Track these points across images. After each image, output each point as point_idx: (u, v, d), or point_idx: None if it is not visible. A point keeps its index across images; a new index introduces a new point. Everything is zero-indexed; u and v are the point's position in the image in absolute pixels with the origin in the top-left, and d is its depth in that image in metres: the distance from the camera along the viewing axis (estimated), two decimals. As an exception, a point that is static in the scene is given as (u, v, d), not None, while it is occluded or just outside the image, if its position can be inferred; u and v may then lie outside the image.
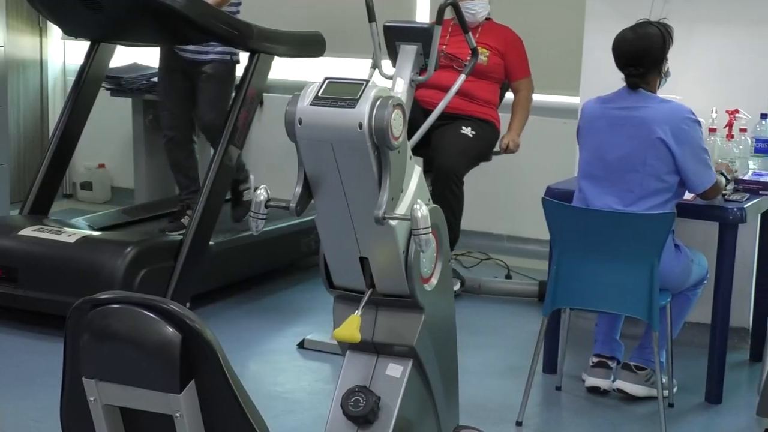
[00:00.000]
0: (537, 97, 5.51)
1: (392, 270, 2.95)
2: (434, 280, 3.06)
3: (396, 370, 3.04)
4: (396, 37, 3.34)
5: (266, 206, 2.94)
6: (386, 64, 3.46)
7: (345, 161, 2.82)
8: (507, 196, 6.17)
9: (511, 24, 5.39)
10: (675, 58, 4.16)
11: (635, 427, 4.03)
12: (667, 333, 4.14)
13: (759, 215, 4.57)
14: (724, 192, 4.21)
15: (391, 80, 3.31)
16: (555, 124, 5.89)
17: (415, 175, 3.00)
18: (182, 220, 5.38)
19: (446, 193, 5.05)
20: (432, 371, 3.11)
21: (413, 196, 2.94)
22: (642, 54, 4.01)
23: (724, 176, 4.25)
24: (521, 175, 5.98)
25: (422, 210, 2.80)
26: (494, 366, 4.62)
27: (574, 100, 5.23)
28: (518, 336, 4.95)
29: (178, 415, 2.26)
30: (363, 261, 3.00)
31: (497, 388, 4.36)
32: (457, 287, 5.36)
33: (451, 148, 5.09)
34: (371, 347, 3.08)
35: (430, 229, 2.82)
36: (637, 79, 4.03)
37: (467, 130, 5.18)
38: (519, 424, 4.02)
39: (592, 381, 4.31)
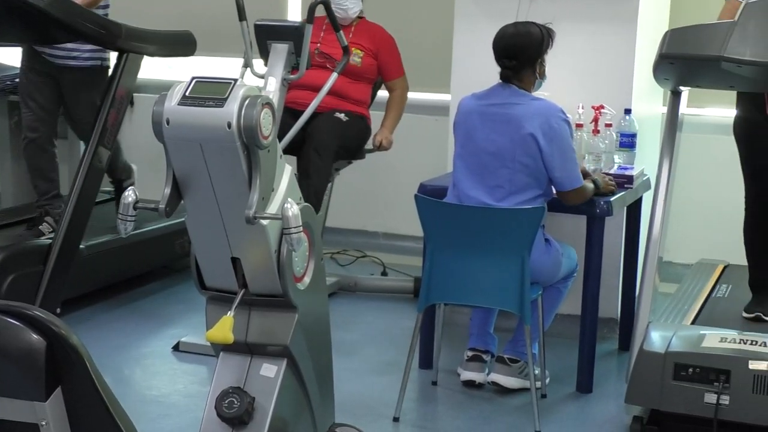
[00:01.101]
0: (409, 95, 5.55)
1: (264, 270, 2.94)
2: (307, 279, 3.06)
3: (270, 370, 3.02)
4: (267, 35, 3.32)
5: (134, 208, 2.90)
6: (258, 63, 3.45)
7: (214, 161, 2.80)
8: (381, 194, 6.21)
9: (382, 23, 5.42)
10: (542, 56, 4.24)
11: (509, 419, 4.10)
12: (539, 325, 4.21)
13: (625, 208, 4.69)
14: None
15: (263, 79, 3.30)
16: (427, 122, 5.96)
17: (286, 174, 2.99)
18: (41, 227, 5.22)
19: (311, 163, 4.98)
20: (306, 370, 3.11)
21: (284, 195, 2.93)
22: (518, 48, 4.08)
23: (596, 185, 4.28)
24: (395, 172, 6.02)
25: (293, 209, 2.80)
26: (371, 363, 4.64)
27: (445, 97, 5.29)
28: (394, 332, 4.99)
29: (44, 423, 2.22)
30: (235, 261, 2.98)
31: (374, 385, 4.38)
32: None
33: (323, 127, 5.05)
34: (245, 348, 3.06)
35: (301, 228, 2.82)
36: (510, 72, 4.10)
37: (341, 115, 5.18)
38: (396, 420, 4.05)
39: (467, 375, 4.36)
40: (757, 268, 4.40)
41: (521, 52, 4.09)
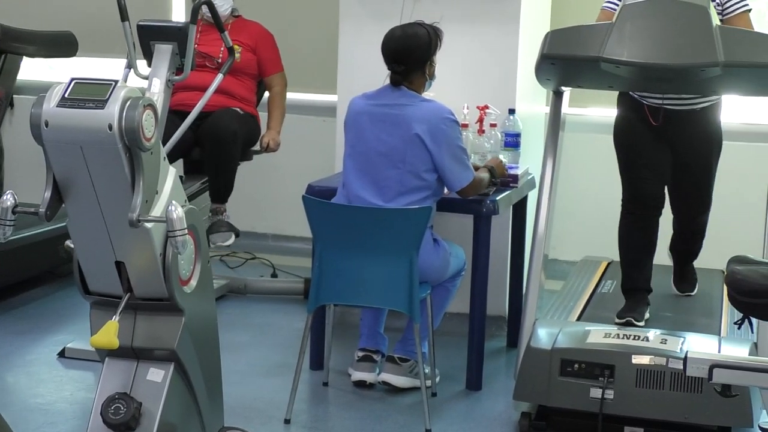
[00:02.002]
0: (296, 96, 5.55)
1: (149, 273, 2.91)
2: (193, 282, 3.04)
3: (157, 374, 3.00)
4: (150, 36, 3.29)
5: (13, 212, 2.84)
6: (142, 64, 3.40)
7: (96, 164, 2.76)
8: (270, 195, 6.19)
9: (267, 24, 5.40)
10: (427, 57, 4.27)
11: (400, 418, 4.12)
12: (429, 324, 4.24)
13: (511, 207, 4.75)
14: (487, 190, 4.34)
15: (147, 80, 3.27)
16: (314, 123, 5.96)
17: (170, 176, 2.96)
18: None
19: (221, 151, 4.95)
20: (194, 373, 3.08)
21: (168, 197, 2.91)
22: (406, 52, 4.10)
23: (492, 174, 4.34)
24: (283, 173, 6.01)
25: (178, 211, 2.78)
26: (261, 365, 4.62)
27: (332, 98, 5.29)
28: (285, 334, 4.97)
29: None
30: (119, 265, 2.94)
31: (265, 387, 4.36)
32: (231, 240, 5.28)
33: (223, 116, 5.02)
34: (131, 352, 3.03)
35: (186, 231, 2.80)
36: (399, 77, 4.12)
37: (236, 108, 5.16)
38: (287, 421, 4.03)
39: (357, 375, 4.37)
40: (631, 272, 4.37)
41: (409, 56, 4.11)
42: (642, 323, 4.20)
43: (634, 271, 4.36)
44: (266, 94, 5.53)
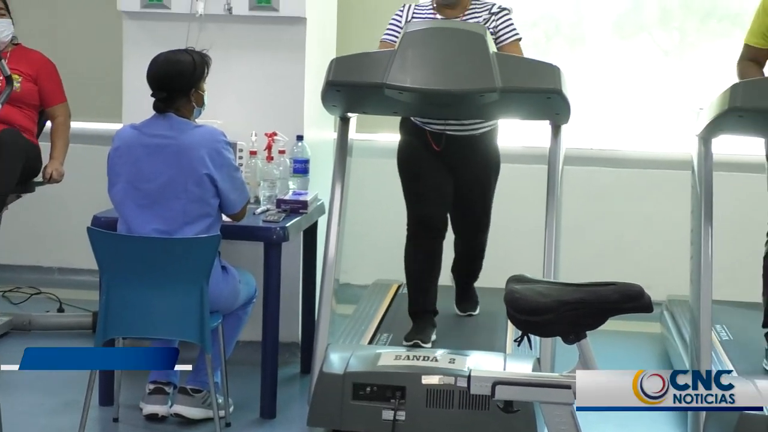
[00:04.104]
0: (80, 125, 5.42)
1: None
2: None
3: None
4: None
5: None
6: None
7: None
8: (55, 227, 6.01)
9: (47, 51, 5.25)
10: (214, 84, 4.24)
11: (194, 450, 4.07)
12: (221, 354, 4.20)
13: (301, 233, 4.77)
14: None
15: None
16: (99, 152, 5.72)
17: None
18: None
19: None
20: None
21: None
22: (168, 79, 4.04)
23: None
24: (68, 204, 5.85)
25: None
26: (47, 404, 4.46)
27: (117, 126, 5.17)
28: (72, 370, 4.80)
29: None
30: None
31: (51, 427, 4.22)
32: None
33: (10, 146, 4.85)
34: None
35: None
36: (161, 104, 4.06)
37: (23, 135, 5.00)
38: (75, 461, 3.92)
39: (149, 408, 4.28)
40: (417, 296, 4.45)
41: (171, 84, 4.04)
42: (429, 344, 4.26)
43: (420, 295, 4.43)
44: (48, 123, 5.38)
